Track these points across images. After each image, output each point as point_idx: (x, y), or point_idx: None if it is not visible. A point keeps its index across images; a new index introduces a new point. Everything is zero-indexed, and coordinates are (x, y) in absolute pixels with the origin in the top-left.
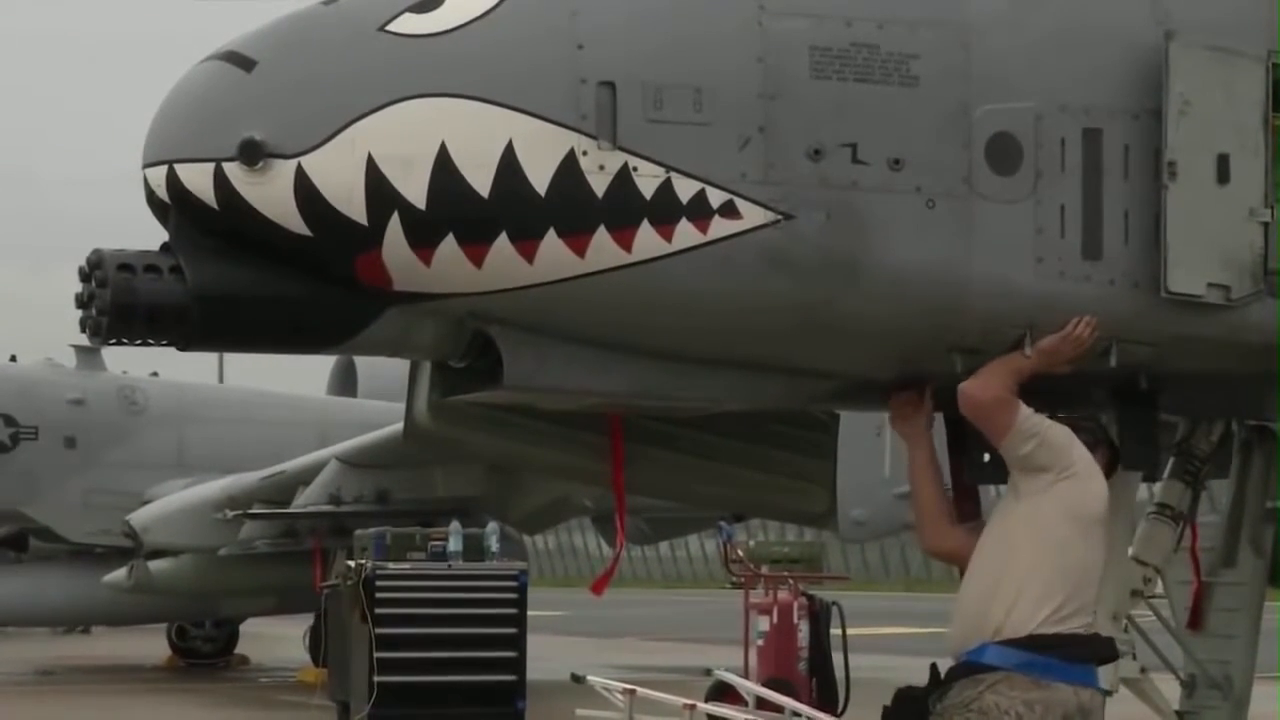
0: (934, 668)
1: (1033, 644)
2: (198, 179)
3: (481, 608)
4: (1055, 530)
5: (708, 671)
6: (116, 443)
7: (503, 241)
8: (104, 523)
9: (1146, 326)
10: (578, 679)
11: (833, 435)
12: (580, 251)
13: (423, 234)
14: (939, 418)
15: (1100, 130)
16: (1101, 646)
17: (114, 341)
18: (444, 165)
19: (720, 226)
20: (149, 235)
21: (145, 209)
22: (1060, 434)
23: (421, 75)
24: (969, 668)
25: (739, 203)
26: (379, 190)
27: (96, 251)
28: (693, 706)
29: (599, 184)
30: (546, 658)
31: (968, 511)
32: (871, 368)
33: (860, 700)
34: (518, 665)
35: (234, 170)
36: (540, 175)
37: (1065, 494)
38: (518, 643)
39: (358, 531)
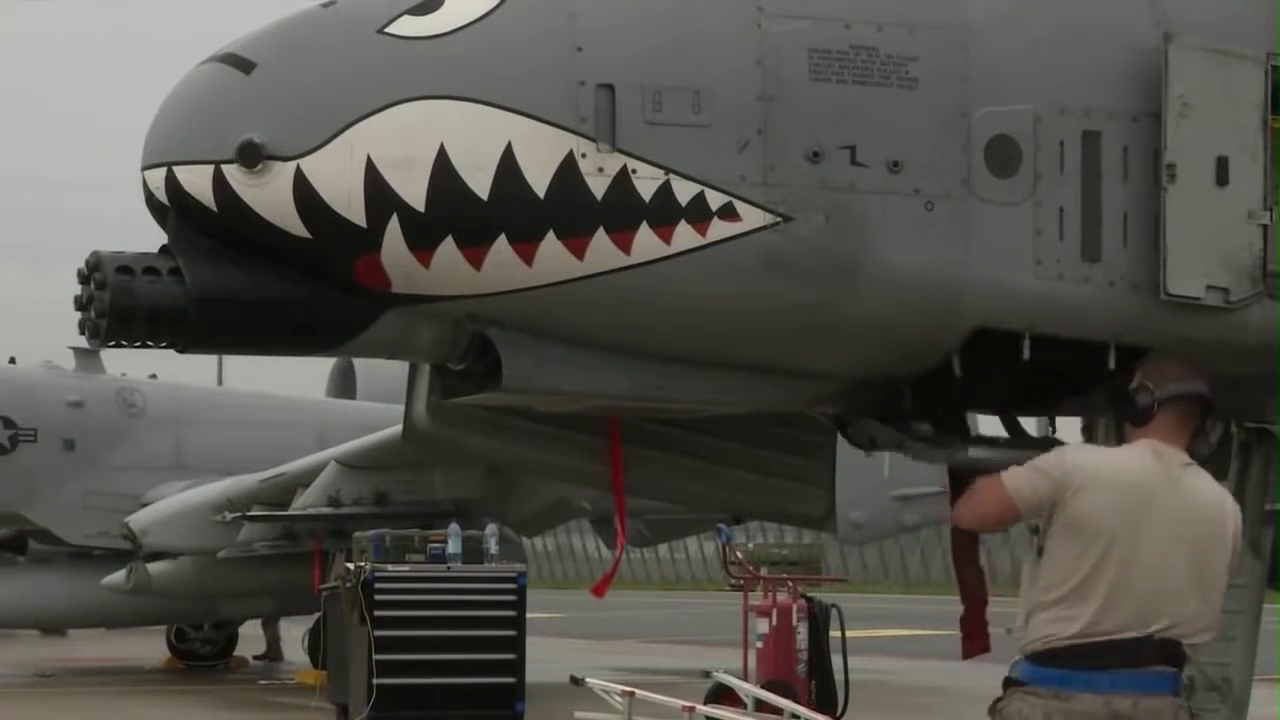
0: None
1: (1046, 658)
2: (197, 181)
3: (480, 610)
4: (1050, 544)
5: (707, 674)
6: (115, 445)
7: (502, 243)
8: (103, 525)
9: (1146, 328)
10: (577, 681)
11: (831, 437)
12: (579, 253)
13: (422, 236)
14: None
15: (1099, 132)
16: (1137, 650)
17: (113, 344)
18: (443, 167)
19: (719, 229)
20: (149, 237)
21: (145, 210)
22: (1033, 487)
23: (420, 77)
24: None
25: (738, 205)
26: (378, 192)
27: (95, 253)
28: (692, 709)
29: (598, 186)
30: (545, 660)
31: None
32: (870, 369)
33: (859, 702)
34: (517, 667)
35: (233, 172)
36: (539, 177)
37: (1061, 512)
38: (517, 645)
39: (357, 533)
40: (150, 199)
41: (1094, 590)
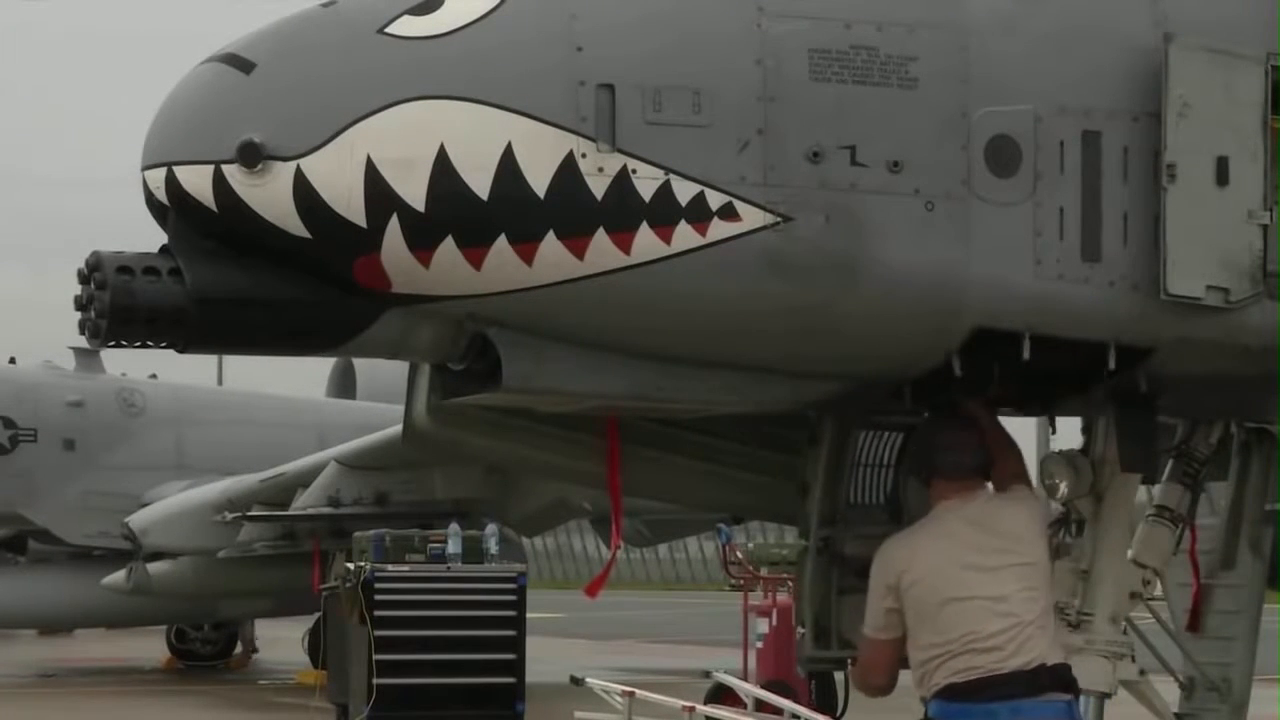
0: None
1: (947, 694)
2: (197, 181)
3: (480, 610)
4: (909, 620)
5: (707, 673)
6: (115, 445)
7: (502, 244)
8: (103, 525)
9: (1145, 328)
10: (577, 681)
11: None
12: (579, 254)
13: (422, 236)
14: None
15: (1099, 132)
16: (1033, 679)
17: (113, 344)
18: (443, 167)
19: (719, 229)
20: (149, 237)
21: (145, 210)
22: (883, 607)
23: (420, 77)
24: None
25: (738, 205)
26: (378, 192)
27: (95, 254)
28: (692, 709)
29: (598, 186)
30: (545, 660)
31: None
32: (870, 370)
33: (860, 703)
34: (517, 667)
35: (233, 172)
36: (539, 177)
37: (903, 597)
38: (517, 645)
39: (357, 533)
40: (150, 199)
41: (954, 633)
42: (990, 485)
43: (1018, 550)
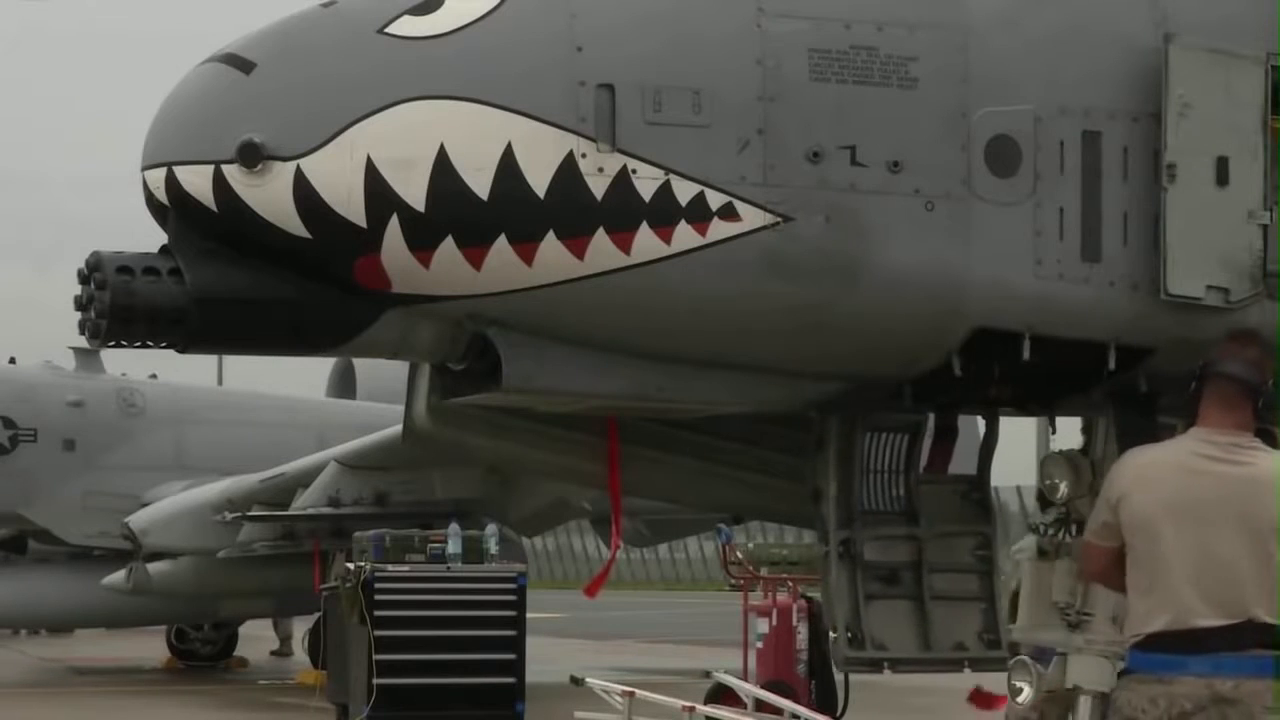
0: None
1: (1148, 644)
2: (197, 181)
3: (480, 610)
4: (1128, 549)
5: (707, 674)
6: (115, 445)
7: (502, 244)
8: (103, 525)
9: (1145, 328)
10: (577, 681)
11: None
12: (579, 254)
13: (422, 236)
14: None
15: (1099, 133)
16: (1236, 634)
17: (113, 344)
18: (443, 167)
19: (719, 229)
20: (151, 237)
21: (145, 210)
22: (1101, 522)
23: (420, 77)
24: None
25: (738, 205)
26: (378, 192)
27: (95, 254)
28: (692, 709)
29: (598, 186)
30: (545, 660)
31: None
32: (870, 370)
33: (860, 703)
34: (517, 667)
35: (233, 172)
36: (539, 177)
37: (1122, 520)
38: (517, 645)
39: (357, 534)
40: (150, 199)
41: (1167, 580)
42: (1257, 436)
43: (1254, 503)
